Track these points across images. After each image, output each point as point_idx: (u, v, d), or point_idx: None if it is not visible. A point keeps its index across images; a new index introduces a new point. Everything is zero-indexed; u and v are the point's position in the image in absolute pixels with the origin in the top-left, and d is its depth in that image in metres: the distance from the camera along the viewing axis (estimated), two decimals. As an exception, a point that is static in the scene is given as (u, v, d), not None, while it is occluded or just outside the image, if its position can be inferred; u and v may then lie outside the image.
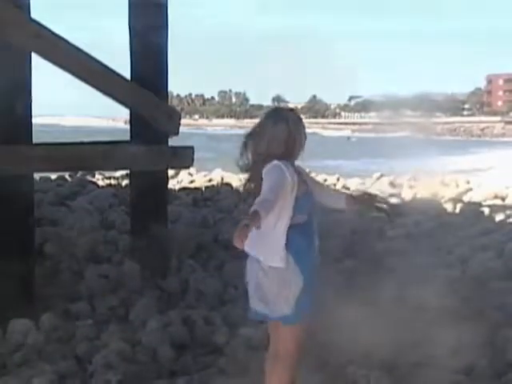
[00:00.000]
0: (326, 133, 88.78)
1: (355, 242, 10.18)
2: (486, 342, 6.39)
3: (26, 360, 6.31)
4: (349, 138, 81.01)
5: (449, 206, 14.34)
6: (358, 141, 73.08)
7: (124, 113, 8.71)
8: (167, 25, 8.68)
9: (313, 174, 19.22)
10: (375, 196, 5.05)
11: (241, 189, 5.77)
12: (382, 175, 20.72)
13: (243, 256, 4.79)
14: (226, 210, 13.10)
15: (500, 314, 7.16)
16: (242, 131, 4.87)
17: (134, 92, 8.13)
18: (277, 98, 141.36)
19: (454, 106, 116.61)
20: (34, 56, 7.52)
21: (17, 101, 7.47)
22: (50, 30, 7.41)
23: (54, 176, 17.56)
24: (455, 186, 18.19)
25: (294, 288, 4.55)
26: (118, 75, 7.99)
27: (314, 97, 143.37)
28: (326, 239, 5.28)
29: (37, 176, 12.83)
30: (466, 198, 15.88)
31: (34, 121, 7.86)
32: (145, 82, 8.24)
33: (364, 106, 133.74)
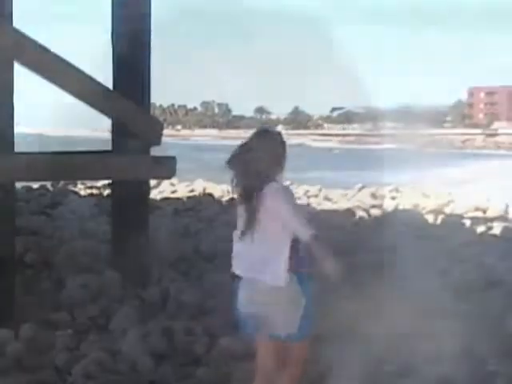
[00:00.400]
0: (309, 143, 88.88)
1: (335, 254, 10.16)
2: (466, 351, 6.42)
3: (5, 369, 6.27)
4: (330, 149, 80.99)
5: (430, 218, 14.42)
6: (341, 152, 73.09)
7: (106, 123, 8.70)
8: (150, 36, 8.68)
9: (294, 186, 19.30)
10: None
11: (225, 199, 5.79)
12: (363, 186, 20.79)
13: (224, 267, 4.81)
14: (207, 220, 13.11)
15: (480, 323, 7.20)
16: (226, 142, 4.93)
17: (116, 102, 8.11)
18: (259, 110, 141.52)
19: (436, 118, 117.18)
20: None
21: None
22: (31, 40, 7.40)
23: (35, 185, 17.53)
24: (436, 198, 18.28)
25: (300, 304, 4.63)
26: (101, 85, 7.98)
27: (297, 108, 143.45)
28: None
29: (19, 185, 12.78)
30: (447, 210, 15.97)
31: (17, 130, 7.84)
32: (127, 92, 8.24)
33: (347, 118, 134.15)
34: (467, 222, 13.86)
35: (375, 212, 15.37)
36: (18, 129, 8.11)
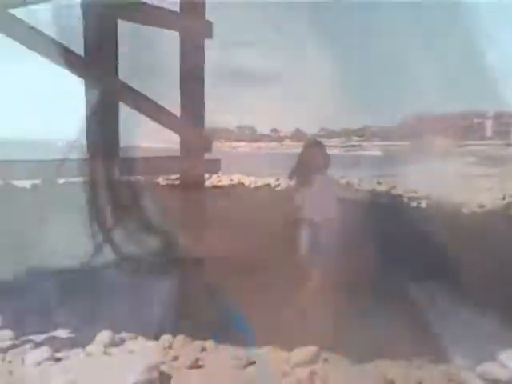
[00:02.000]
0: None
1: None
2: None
3: None
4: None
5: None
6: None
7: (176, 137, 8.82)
8: (203, 77, 8.24)
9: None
10: None
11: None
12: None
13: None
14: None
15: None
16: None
17: (183, 125, 8.31)
18: (274, 130, 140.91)
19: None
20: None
21: (108, 127, 7.68)
22: (130, 87, 7.63)
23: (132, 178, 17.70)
24: (385, 185, 18.52)
25: None
26: (173, 115, 8.19)
27: (298, 129, 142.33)
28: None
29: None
30: (393, 192, 16.16)
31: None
32: (190, 118, 8.33)
33: (328, 135, 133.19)
34: (406, 199, 14.06)
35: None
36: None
